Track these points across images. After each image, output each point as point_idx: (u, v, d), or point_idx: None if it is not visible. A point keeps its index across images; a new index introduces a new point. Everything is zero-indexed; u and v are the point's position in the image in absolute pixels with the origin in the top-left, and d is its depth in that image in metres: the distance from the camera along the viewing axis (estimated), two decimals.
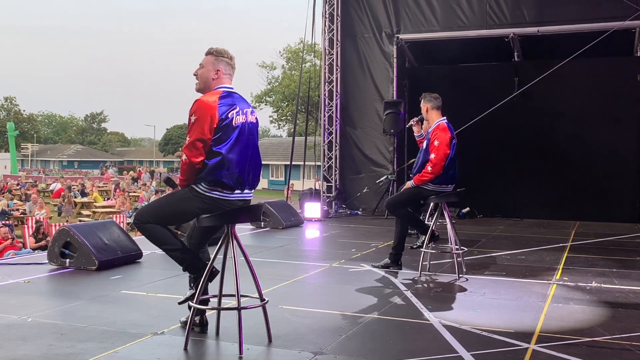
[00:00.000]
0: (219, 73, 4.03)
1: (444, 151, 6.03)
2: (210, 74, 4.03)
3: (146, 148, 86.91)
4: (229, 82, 4.08)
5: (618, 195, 12.07)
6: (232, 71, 4.10)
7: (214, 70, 4.03)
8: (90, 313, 4.71)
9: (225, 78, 4.06)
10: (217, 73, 4.02)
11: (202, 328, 4.20)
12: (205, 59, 4.08)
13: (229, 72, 4.08)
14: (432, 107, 6.30)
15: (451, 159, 6.15)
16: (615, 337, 4.21)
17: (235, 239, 3.92)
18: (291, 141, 14.81)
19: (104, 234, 6.75)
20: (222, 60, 4.05)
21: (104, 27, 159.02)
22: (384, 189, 12.59)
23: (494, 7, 12.13)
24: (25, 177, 42.81)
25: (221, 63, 4.04)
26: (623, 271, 6.66)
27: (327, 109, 13.33)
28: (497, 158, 12.73)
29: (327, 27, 13.24)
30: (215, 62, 4.04)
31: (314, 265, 6.94)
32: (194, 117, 3.83)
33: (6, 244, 12.09)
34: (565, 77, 11.68)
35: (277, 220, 10.22)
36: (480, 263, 7.15)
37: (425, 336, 4.25)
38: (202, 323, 4.21)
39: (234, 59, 4.12)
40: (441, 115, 6.32)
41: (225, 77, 4.06)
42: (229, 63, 4.07)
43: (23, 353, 3.75)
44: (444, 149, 6.03)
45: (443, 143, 6.05)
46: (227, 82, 4.06)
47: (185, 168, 3.87)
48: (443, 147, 6.03)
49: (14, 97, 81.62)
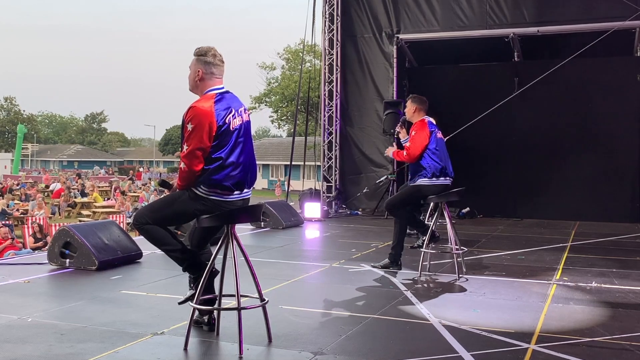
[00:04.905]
0: (200, 73, 3.96)
1: (420, 142, 6.23)
2: (193, 75, 3.99)
3: (146, 148, 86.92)
4: (218, 81, 4.01)
5: (618, 195, 12.07)
6: (216, 69, 4.00)
7: (194, 72, 3.99)
8: (90, 313, 4.71)
9: (210, 78, 3.98)
10: (198, 74, 3.97)
11: (210, 327, 4.19)
12: (191, 60, 4.04)
13: (211, 70, 3.98)
14: (420, 108, 6.48)
15: (440, 153, 6.27)
16: (615, 337, 4.21)
17: (235, 239, 3.92)
18: (291, 141, 14.81)
19: (104, 234, 6.75)
20: (202, 60, 3.98)
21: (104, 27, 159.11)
22: (384, 189, 12.59)
23: (494, 7, 12.13)
24: (25, 177, 42.79)
25: (200, 63, 3.97)
26: (623, 271, 6.66)
27: (327, 109, 13.33)
28: (497, 158, 12.74)
29: (327, 27, 13.24)
30: (196, 63, 4.00)
31: (314, 265, 6.94)
32: (190, 125, 3.78)
33: (6, 244, 12.10)
34: (565, 77, 11.68)
35: (277, 220, 10.22)
36: (480, 263, 7.15)
37: (425, 336, 4.25)
38: (210, 322, 4.21)
39: (218, 56, 4.02)
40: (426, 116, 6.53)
41: (209, 76, 3.98)
42: (210, 62, 3.98)
43: (23, 353, 3.76)
44: (420, 140, 6.24)
45: (419, 133, 6.27)
46: (216, 83, 4.00)
47: (185, 176, 3.85)
48: (419, 137, 6.25)
49: (14, 97, 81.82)
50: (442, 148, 6.36)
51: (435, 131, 6.34)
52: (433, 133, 6.30)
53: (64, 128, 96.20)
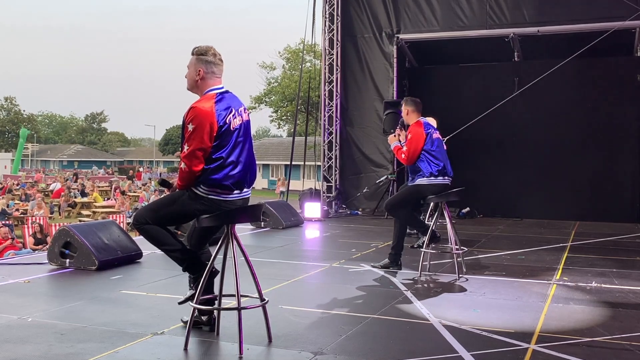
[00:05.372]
0: (201, 73, 3.96)
1: (416, 145, 6.25)
2: (193, 74, 3.99)
3: (146, 148, 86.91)
4: (218, 81, 4.01)
5: (618, 195, 12.07)
6: (216, 68, 4.00)
7: (195, 71, 3.98)
8: (90, 313, 4.71)
9: (211, 77, 3.98)
10: (199, 73, 3.97)
11: (210, 327, 4.19)
12: (190, 60, 4.03)
13: (212, 70, 3.98)
14: (413, 110, 6.49)
15: (437, 153, 6.28)
16: (615, 337, 4.21)
17: (235, 239, 3.92)
18: (291, 141, 14.81)
19: (104, 234, 6.75)
20: (202, 59, 3.98)
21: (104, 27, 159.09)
22: (384, 189, 12.59)
23: (494, 7, 12.13)
24: (25, 177, 42.80)
25: (201, 62, 3.97)
26: (623, 271, 6.66)
27: (327, 109, 13.33)
28: (497, 158, 12.74)
29: (327, 27, 13.24)
30: (196, 62, 3.99)
31: (314, 265, 6.94)
32: (191, 125, 3.78)
33: (6, 244, 12.10)
34: (565, 77, 11.68)
35: (277, 220, 10.22)
36: (480, 263, 7.15)
37: (425, 336, 4.25)
38: (211, 322, 4.21)
39: (218, 55, 4.03)
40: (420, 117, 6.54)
41: (210, 75, 3.98)
42: (210, 61, 3.98)
43: (23, 353, 3.76)
44: (416, 143, 6.25)
45: (415, 136, 6.28)
46: (216, 82, 4.00)
47: (185, 176, 3.84)
48: (415, 140, 6.27)
49: (14, 97, 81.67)
50: (440, 148, 6.37)
51: (432, 132, 6.35)
52: (429, 134, 6.32)
53: (64, 128, 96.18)
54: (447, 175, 6.34)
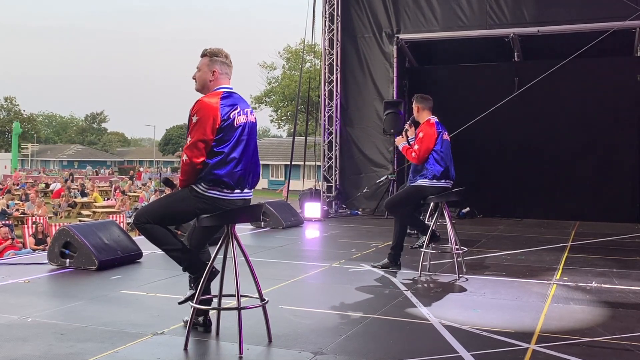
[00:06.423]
0: (216, 74, 4.02)
1: (427, 145, 6.20)
2: (207, 75, 4.03)
3: (146, 148, 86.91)
4: (227, 81, 4.08)
5: (618, 195, 12.06)
6: (228, 69, 4.09)
7: (209, 71, 4.02)
8: (90, 313, 4.71)
9: (223, 78, 4.05)
10: (214, 74, 4.02)
11: (205, 328, 4.20)
12: (200, 61, 4.07)
13: (225, 71, 4.07)
14: (424, 107, 6.45)
15: (444, 155, 6.25)
16: (615, 337, 4.21)
17: (235, 239, 3.92)
18: (291, 141, 14.81)
19: (104, 234, 6.75)
20: (217, 60, 4.04)
21: (104, 27, 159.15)
22: (384, 189, 12.59)
23: (494, 7, 12.12)
24: (25, 177, 42.77)
25: (216, 64, 4.03)
26: (623, 271, 6.66)
27: (327, 109, 13.33)
28: (497, 158, 12.73)
29: (327, 27, 13.24)
30: (210, 63, 4.03)
31: (314, 265, 6.93)
32: (195, 117, 3.83)
33: (6, 244, 12.10)
34: (565, 77, 11.67)
35: (277, 220, 10.22)
36: (480, 263, 7.15)
37: (425, 336, 4.26)
38: (206, 323, 4.21)
39: (229, 57, 4.11)
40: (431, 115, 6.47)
41: (223, 76, 4.05)
42: (224, 62, 4.06)
43: (23, 353, 3.75)
44: (427, 143, 6.21)
45: (427, 136, 6.23)
46: (225, 82, 4.06)
47: (186, 168, 3.87)
48: (427, 140, 6.22)
49: (14, 97, 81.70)
50: (447, 150, 6.34)
51: (442, 132, 6.33)
52: (440, 134, 6.29)
53: (64, 128, 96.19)
54: (449, 178, 6.32)
